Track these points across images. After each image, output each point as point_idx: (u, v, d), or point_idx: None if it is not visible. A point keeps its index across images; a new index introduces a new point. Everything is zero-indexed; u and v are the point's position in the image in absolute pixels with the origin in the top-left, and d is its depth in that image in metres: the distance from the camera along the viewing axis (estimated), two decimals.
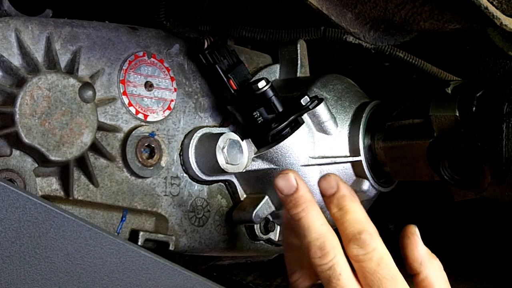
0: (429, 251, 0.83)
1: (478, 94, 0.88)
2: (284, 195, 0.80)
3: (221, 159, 0.97)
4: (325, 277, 0.77)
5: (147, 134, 0.94)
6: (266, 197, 1.01)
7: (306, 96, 0.96)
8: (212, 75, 1.00)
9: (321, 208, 0.81)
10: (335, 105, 1.00)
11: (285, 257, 0.85)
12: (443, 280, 0.82)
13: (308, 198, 0.80)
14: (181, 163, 0.99)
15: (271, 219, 1.06)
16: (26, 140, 0.83)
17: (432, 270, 0.82)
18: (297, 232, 0.80)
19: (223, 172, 0.98)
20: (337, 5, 0.77)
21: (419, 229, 0.84)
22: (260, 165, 0.99)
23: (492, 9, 0.70)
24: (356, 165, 0.98)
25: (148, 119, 0.96)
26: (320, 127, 0.98)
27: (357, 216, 0.79)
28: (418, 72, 1.10)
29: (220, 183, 1.03)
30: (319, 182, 0.81)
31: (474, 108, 0.88)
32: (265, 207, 1.01)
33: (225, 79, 0.98)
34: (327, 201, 0.80)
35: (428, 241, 0.98)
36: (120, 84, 0.94)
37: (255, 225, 1.05)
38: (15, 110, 0.83)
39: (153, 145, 0.95)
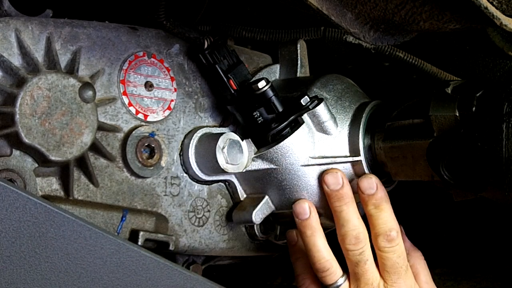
0: (412, 244, 1.02)
1: (478, 94, 0.88)
2: (330, 189, 0.96)
3: (221, 159, 0.97)
4: (354, 261, 0.95)
5: (147, 134, 0.94)
6: (266, 197, 1.01)
7: (306, 96, 0.96)
8: (212, 75, 1.00)
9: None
10: (335, 105, 1.00)
11: (296, 270, 1.02)
12: (425, 267, 1.00)
13: (350, 195, 0.96)
14: (181, 163, 0.99)
15: (271, 219, 1.06)
16: (26, 140, 0.83)
17: (417, 259, 1.00)
18: (305, 248, 0.98)
19: (223, 172, 0.98)
20: (337, 5, 0.77)
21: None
22: (260, 165, 0.99)
23: (492, 9, 0.70)
24: (356, 165, 0.98)
25: (148, 119, 0.96)
26: (320, 127, 0.98)
27: (389, 216, 0.95)
28: (418, 72, 1.10)
29: (220, 183, 1.03)
30: (360, 180, 0.95)
31: (474, 108, 0.88)
32: (265, 207, 1.01)
33: (225, 79, 0.98)
34: (365, 198, 0.95)
35: (428, 241, 0.98)
36: (120, 84, 0.94)
37: (255, 225, 1.05)
38: (15, 110, 0.83)
39: (153, 145, 0.95)
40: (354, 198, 0.96)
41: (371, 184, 0.95)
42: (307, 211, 0.97)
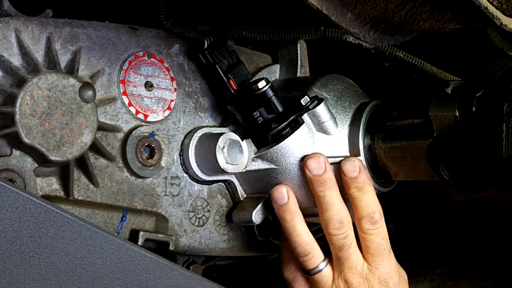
0: None
1: (478, 94, 0.88)
2: (313, 174, 0.94)
3: (221, 159, 0.97)
4: (338, 245, 0.94)
5: (147, 134, 0.94)
6: (266, 197, 1.01)
7: (306, 96, 0.96)
8: (212, 75, 1.00)
9: None
10: (335, 105, 1.00)
11: (282, 255, 1.02)
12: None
13: (333, 179, 0.94)
14: (181, 163, 0.99)
15: (271, 219, 1.06)
16: (26, 140, 0.83)
17: None
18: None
19: (223, 172, 0.98)
20: (337, 5, 0.77)
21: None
22: (260, 165, 0.99)
23: (492, 9, 0.70)
24: None
25: (148, 119, 0.96)
26: (320, 127, 0.98)
27: (372, 198, 0.94)
28: (418, 72, 1.10)
29: (220, 183, 1.03)
30: (343, 163, 0.94)
31: (474, 108, 0.88)
32: (265, 207, 1.01)
33: (225, 79, 0.98)
34: (348, 181, 0.94)
35: (428, 241, 0.98)
36: (120, 84, 0.94)
37: (254, 225, 1.05)
38: (15, 110, 0.83)
39: (153, 145, 0.95)
40: (337, 183, 0.95)
41: (354, 167, 0.94)
42: (285, 196, 0.96)
